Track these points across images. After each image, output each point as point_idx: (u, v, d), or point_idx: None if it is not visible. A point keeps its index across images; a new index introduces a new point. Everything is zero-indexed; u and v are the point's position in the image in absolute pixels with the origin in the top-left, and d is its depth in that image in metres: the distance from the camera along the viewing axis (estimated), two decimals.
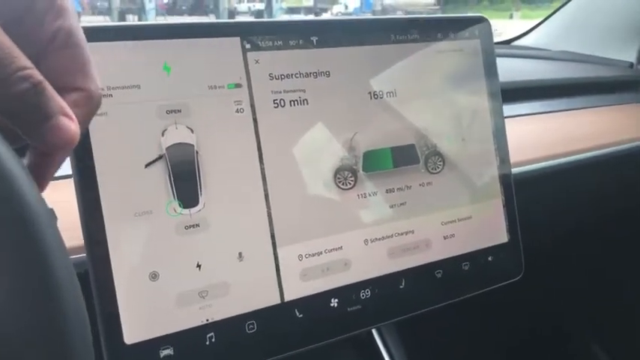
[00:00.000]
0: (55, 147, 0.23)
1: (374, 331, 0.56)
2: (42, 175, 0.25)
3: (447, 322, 0.61)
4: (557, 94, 0.82)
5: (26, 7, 0.23)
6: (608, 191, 0.72)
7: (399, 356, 0.56)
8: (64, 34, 0.24)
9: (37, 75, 0.22)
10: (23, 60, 0.21)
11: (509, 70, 0.83)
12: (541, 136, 0.67)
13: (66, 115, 0.23)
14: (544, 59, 1.01)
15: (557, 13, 1.15)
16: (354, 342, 0.55)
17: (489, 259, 0.48)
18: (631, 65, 0.95)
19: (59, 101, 0.23)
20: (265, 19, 0.40)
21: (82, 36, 0.25)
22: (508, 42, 1.21)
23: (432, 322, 0.51)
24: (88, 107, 0.25)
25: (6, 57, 0.21)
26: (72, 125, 0.23)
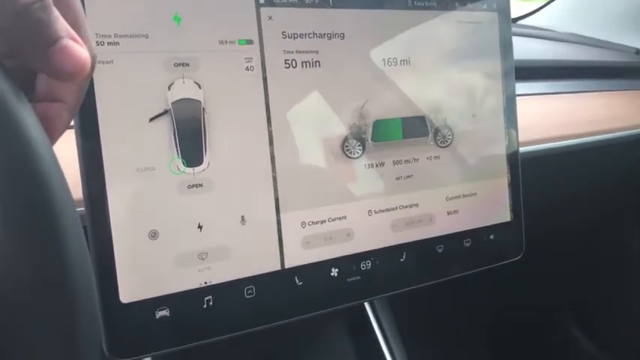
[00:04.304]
0: (64, 73, 0.20)
1: (367, 305, 0.56)
2: (53, 122, 0.23)
3: (439, 299, 0.60)
4: (562, 76, 0.81)
5: None
6: (611, 177, 0.71)
7: (390, 330, 0.55)
8: None
9: None
10: None
11: (515, 48, 0.81)
12: (546, 118, 0.66)
13: (74, 39, 0.20)
14: (549, 40, 0.99)
15: None
16: (346, 315, 0.55)
17: (491, 237, 0.48)
18: (637, 52, 0.94)
19: (66, 25, 0.20)
20: None
21: None
22: (512, 20, 1.19)
23: (424, 298, 0.50)
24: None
25: None
26: (82, 50, 0.20)
